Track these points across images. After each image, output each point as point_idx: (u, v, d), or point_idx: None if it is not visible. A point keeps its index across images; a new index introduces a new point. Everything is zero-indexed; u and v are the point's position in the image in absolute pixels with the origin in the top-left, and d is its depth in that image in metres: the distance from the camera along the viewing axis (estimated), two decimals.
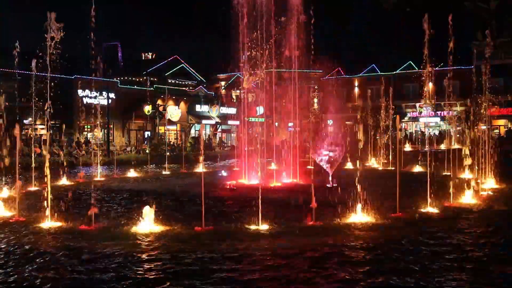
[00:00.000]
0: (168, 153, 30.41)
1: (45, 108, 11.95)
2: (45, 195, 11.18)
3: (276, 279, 7.28)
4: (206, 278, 7.23)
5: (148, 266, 7.85)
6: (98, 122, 26.20)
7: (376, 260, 8.24)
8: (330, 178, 17.60)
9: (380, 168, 28.06)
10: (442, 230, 10.44)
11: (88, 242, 9.30)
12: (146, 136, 51.51)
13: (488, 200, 14.58)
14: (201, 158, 14.56)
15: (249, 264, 7.96)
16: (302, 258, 8.29)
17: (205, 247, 8.87)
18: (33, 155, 18.24)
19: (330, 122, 52.29)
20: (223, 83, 68.54)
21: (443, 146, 35.43)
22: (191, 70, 62.36)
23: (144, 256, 8.41)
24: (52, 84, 12.06)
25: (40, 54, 12.46)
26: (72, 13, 71.67)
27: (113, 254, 8.48)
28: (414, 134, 56.77)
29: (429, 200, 12.91)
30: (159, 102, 50.60)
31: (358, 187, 11.45)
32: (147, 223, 10.46)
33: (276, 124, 26.85)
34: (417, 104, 59.49)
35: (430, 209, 12.67)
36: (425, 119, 57.34)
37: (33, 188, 17.03)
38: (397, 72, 62.03)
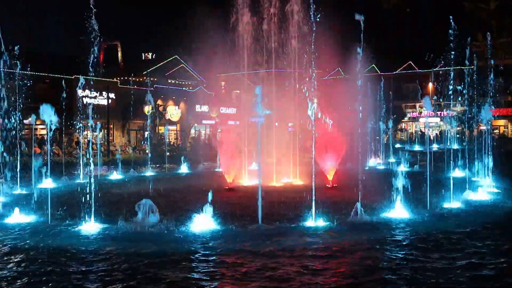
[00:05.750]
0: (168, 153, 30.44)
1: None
2: None
3: None
4: None
5: None
6: (96, 123, 26.17)
7: None
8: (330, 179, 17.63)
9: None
10: None
11: None
12: (146, 136, 51.42)
13: None
14: None
15: None
16: None
17: None
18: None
19: (330, 122, 52.07)
20: (223, 83, 68.39)
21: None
22: (191, 70, 62.25)
23: None
24: (52, 84, 12.08)
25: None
26: (72, 13, 71.72)
27: None
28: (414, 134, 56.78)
29: None
30: (159, 102, 50.56)
31: None
32: None
33: (276, 124, 26.79)
34: (417, 104, 59.47)
35: None
36: (425, 119, 57.31)
37: None
38: (397, 72, 61.98)
